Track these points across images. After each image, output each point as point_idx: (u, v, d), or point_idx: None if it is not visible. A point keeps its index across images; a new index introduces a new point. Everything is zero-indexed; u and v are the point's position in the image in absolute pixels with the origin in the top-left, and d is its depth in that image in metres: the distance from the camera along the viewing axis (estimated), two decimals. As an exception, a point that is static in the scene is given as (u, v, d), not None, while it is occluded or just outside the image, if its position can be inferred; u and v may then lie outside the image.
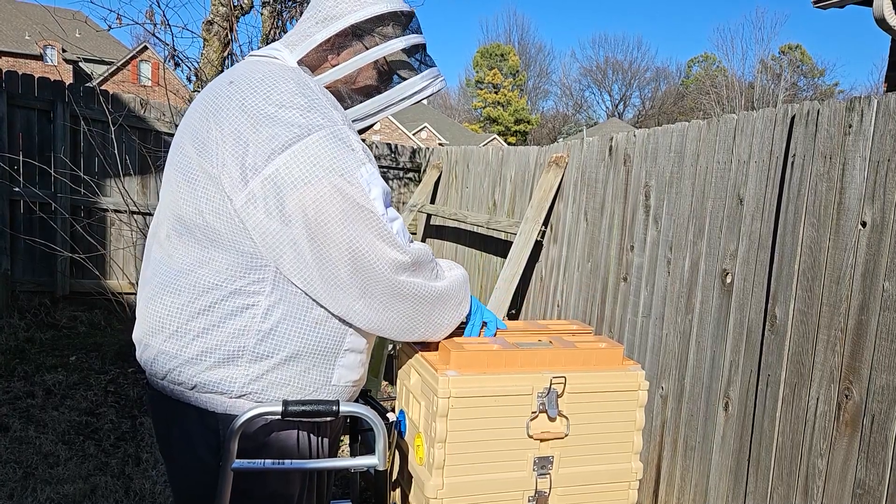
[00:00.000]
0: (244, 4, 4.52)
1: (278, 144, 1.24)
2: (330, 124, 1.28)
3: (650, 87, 57.57)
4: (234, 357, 1.31)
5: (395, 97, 1.45)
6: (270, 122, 1.25)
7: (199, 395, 1.33)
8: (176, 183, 1.33)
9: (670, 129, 2.89)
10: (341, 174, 1.25)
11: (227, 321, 1.29)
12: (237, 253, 1.28)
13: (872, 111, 1.94)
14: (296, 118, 1.25)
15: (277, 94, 1.27)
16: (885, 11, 3.67)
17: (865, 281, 1.93)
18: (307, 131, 1.25)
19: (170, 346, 1.33)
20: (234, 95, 1.29)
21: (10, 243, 5.17)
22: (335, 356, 1.38)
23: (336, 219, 1.25)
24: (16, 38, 33.82)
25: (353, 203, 1.25)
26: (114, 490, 2.91)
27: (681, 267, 2.73)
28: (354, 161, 1.28)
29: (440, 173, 6.01)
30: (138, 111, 5.62)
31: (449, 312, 1.49)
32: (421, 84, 1.46)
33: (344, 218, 1.25)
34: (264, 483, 1.38)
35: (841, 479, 1.97)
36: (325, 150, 1.25)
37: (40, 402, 3.80)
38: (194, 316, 1.30)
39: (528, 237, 3.90)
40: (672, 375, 2.74)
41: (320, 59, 1.41)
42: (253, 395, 1.32)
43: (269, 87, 1.29)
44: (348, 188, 1.25)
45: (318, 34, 1.40)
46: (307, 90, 1.31)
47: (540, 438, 1.55)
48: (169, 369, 1.33)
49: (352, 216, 1.26)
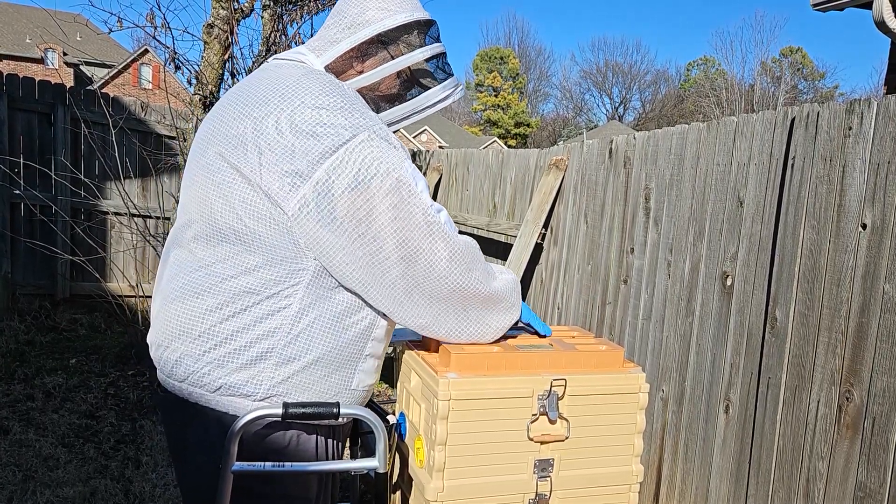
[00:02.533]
0: (245, 8, 4.52)
1: (326, 148, 1.23)
2: (371, 124, 1.29)
3: (650, 90, 57.66)
4: (262, 358, 1.30)
5: (419, 105, 1.47)
6: (314, 126, 1.24)
7: (222, 399, 1.32)
8: (205, 187, 1.31)
9: (670, 131, 2.89)
10: (389, 173, 1.26)
11: (258, 323, 1.29)
12: (278, 258, 1.27)
13: (872, 113, 1.94)
14: (338, 120, 1.25)
15: (315, 96, 1.27)
16: (885, 14, 3.68)
17: (866, 283, 1.93)
18: (352, 133, 1.25)
19: (196, 347, 1.31)
20: (271, 98, 1.29)
21: (10, 246, 5.17)
22: (357, 361, 1.38)
23: (387, 219, 1.27)
24: (17, 42, 33.86)
25: (403, 200, 1.27)
26: (113, 493, 2.91)
27: (681, 269, 2.73)
28: (398, 158, 1.29)
29: (440, 176, 6.02)
30: (139, 114, 5.63)
31: (500, 315, 1.50)
32: (443, 94, 1.49)
33: (396, 215, 1.27)
34: (282, 485, 1.38)
35: (842, 482, 1.97)
36: (372, 151, 1.26)
37: (40, 404, 3.79)
38: (226, 319, 1.29)
39: (529, 240, 3.90)
40: (672, 378, 2.73)
41: (346, 65, 1.42)
42: (276, 399, 1.31)
43: (307, 89, 1.28)
44: (398, 187, 1.27)
45: (344, 41, 1.40)
46: (343, 91, 1.31)
47: (540, 441, 1.55)
48: (192, 371, 1.32)
49: (402, 214, 1.27)
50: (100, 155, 5.23)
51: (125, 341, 4.86)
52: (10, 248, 5.17)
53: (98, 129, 5.19)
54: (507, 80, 54.33)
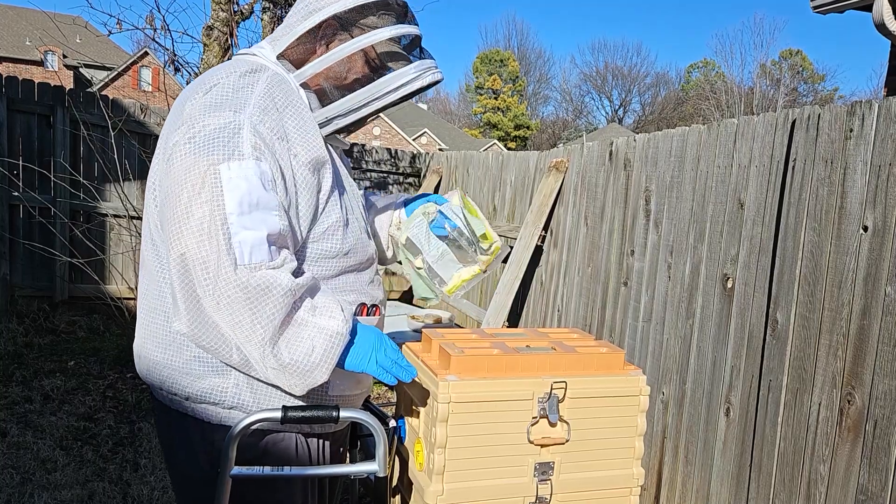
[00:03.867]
0: (244, 10, 4.52)
1: (178, 140, 1.23)
2: (235, 114, 1.22)
3: (650, 92, 57.69)
4: (222, 365, 1.28)
5: (381, 89, 1.34)
6: (181, 120, 1.25)
7: (195, 406, 1.32)
8: (149, 189, 1.33)
9: (670, 133, 2.88)
10: (204, 155, 1.17)
11: None
12: None
13: (873, 115, 1.93)
14: (198, 112, 1.23)
15: (202, 91, 1.28)
16: (885, 16, 3.67)
17: (867, 285, 1.92)
18: (197, 123, 1.22)
19: (159, 354, 1.31)
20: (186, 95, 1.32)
21: (9, 248, 5.16)
22: None
23: (181, 203, 1.17)
24: (16, 44, 33.88)
25: (199, 191, 1.16)
26: (111, 496, 2.90)
27: (681, 271, 2.72)
28: (224, 152, 1.18)
29: (440, 178, 6.01)
30: (138, 116, 5.62)
31: (284, 379, 1.24)
32: (411, 75, 1.35)
33: (189, 204, 1.16)
34: (265, 491, 1.36)
35: (843, 484, 1.96)
36: (204, 138, 1.19)
37: (38, 407, 3.78)
38: (172, 322, 1.29)
39: (529, 242, 3.89)
40: (673, 381, 2.72)
41: (306, 52, 1.36)
42: (244, 407, 1.30)
43: (203, 85, 1.29)
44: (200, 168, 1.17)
45: (298, 26, 1.35)
46: (226, 88, 1.26)
47: (541, 444, 1.54)
48: (163, 378, 1.32)
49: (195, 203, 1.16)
50: (99, 157, 5.23)
51: (124, 343, 4.85)
52: (8, 250, 5.16)
53: (97, 132, 5.18)
54: (507, 82, 54.38)
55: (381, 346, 1.32)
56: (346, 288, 1.39)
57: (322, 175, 1.30)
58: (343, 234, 1.34)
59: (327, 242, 1.33)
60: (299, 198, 1.26)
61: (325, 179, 1.31)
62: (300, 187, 1.26)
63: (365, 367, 1.30)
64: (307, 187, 1.27)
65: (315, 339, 1.22)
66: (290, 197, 1.25)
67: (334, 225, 1.32)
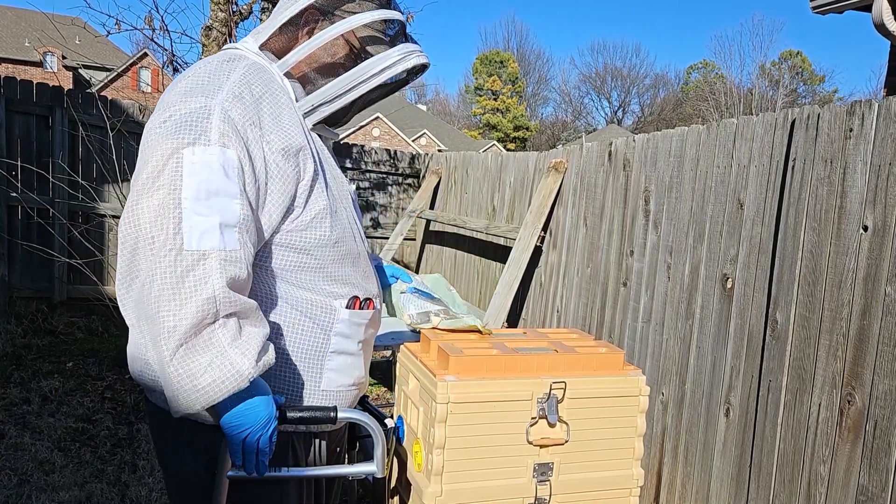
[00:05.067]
0: (243, 10, 4.52)
1: (156, 124, 1.22)
2: (205, 101, 1.21)
3: (649, 93, 57.77)
4: None
5: (365, 72, 1.34)
6: (164, 106, 1.24)
7: None
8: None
9: (670, 133, 2.88)
10: (169, 137, 1.17)
11: None
12: None
13: (873, 115, 1.93)
14: (172, 101, 1.23)
15: (180, 81, 1.28)
16: (885, 16, 3.67)
17: (867, 285, 1.92)
18: (173, 109, 1.21)
19: (152, 355, 1.30)
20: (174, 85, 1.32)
21: (7, 249, 5.15)
22: (321, 359, 1.35)
23: (141, 183, 1.17)
24: (15, 45, 33.90)
25: (160, 172, 1.15)
26: (110, 497, 2.89)
27: (681, 272, 2.72)
28: (191, 135, 1.18)
29: (439, 179, 6.01)
30: (137, 117, 5.62)
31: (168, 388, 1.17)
32: (395, 58, 1.35)
33: (149, 183, 1.16)
34: (262, 491, 1.36)
35: (844, 485, 1.95)
36: (175, 121, 1.19)
37: (36, 408, 3.77)
38: None
39: (528, 242, 3.89)
40: (672, 381, 2.72)
41: (289, 42, 1.37)
42: None
43: (183, 76, 1.29)
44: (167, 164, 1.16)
45: (279, 16, 1.37)
46: (202, 76, 1.26)
47: (540, 444, 1.53)
48: (156, 380, 1.30)
49: (151, 175, 1.16)
50: (98, 158, 5.22)
51: (122, 344, 4.84)
52: (7, 251, 5.15)
53: (96, 132, 5.17)
54: (507, 83, 54.42)
55: (267, 427, 1.21)
56: (339, 280, 1.38)
57: (301, 162, 1.29)
58: (331, 223, 1.34)
59: (317, 231, 1.32)
60: (270, 185, 1.26)
61: (305, 167, 1.30)
62: (272, 174, 1.26)
63: (234, 431, 1.19)
64: (280, 175, 1.26)
65: (213, 365, 1.14)
66: (260, 184, 1.24)
67: (322, 213, 1.32)
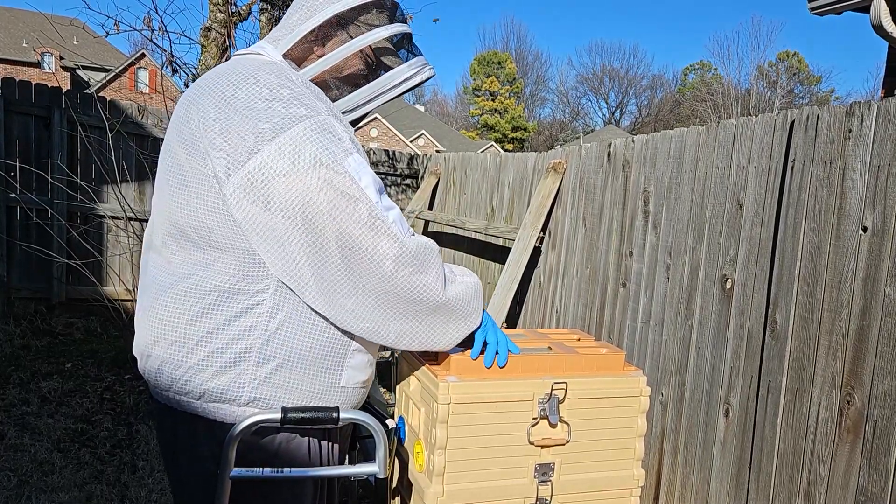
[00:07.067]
0: (242, 11, 4.52)
1: (262, 136, 1.22)
2: (314, 114, 1.26)
3: (647, 94, 57.83)
4: (241, 359, 1.28)
5: (384, 86, 1.43)
6: (253, 115, 1.23)
7: (207, 406, 1.30)
8: (169, 187, 1.31)
9: (669, 134, 2.88)
10: (327, 164, 1.22)
11: (231, 322, 1.27)
12: (236, 252, 1.25)
13: (872, 116, 1.94)
14: (278, 110, 1.23)
15: (258, 87, 1.26)
16: (883, 18, 3.68)
17: (866, 286, 1.92)
18: (290, 122, 1.23)
19: (173, 353, 1.29)
20: (216, 91, 1.28)
21: (6, 250, 5.14)
22: (343, 356, 1.35)
23: (325, 210, 1.21)
24: (13, 46, 33.85)
25: (341, 193, 1.22)
26: (109, 498, 2.89)
27: (680, 272, 2.72)
28: (341, 150, 1.25)
29: (438, 179, 6.01)
30: (136, 117, 5.62)
31: (453, 324, 1.39)
32: (409, 72, 1.45)
33: (333, 209, 1.21)
34: (278, 493, 1.36)
35: (843, 485, 1.96)
36: (309, 141, 1.22)
37: (35, 409, 3.77)
38: (196, 319, 1.27)
39: (527, 243, 3.89)
40: (672, 382, 2.72)
41: (306, 51, 1.40)
42: (261, 402, 1.29)
43: (251, 80, 1.27)
44: (335, 178, 1.22)
45: (301, 26, 1.39)
46: (289, 82, 1.29)
47: (541, 445, 1.54)
48: (174, 378, 1.30)
49: (341, 206, 1.22)
50: (96, 158, 5.21)
51: (121, 345, 4.83)
52: (6, 251, 5.14)
53: (95, 133, 5.17)
54: (505, 84, 54.46)
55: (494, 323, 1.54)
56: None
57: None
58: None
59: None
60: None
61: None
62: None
63: (490, 321, 1.50)
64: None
65: (467, 286, 1.40)
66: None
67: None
